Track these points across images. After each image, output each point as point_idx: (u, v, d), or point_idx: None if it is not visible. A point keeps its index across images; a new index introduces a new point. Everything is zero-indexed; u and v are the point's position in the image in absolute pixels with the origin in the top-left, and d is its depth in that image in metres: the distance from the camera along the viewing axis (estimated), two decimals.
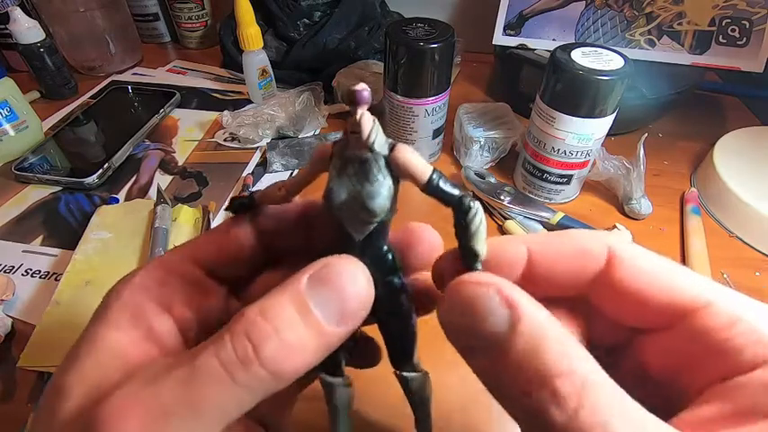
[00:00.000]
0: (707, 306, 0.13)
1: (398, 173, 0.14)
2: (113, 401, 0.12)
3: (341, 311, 0.13)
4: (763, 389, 0.11)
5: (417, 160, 0.14)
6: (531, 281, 0.15)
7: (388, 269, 0.15)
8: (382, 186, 0.14)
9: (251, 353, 0.12)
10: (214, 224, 0.41)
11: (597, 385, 0.11)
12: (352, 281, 0.13)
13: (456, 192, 0.14)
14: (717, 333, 0.13)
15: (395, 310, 0.16)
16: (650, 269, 0.14)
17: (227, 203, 0.19)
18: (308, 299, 0.13)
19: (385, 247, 0.15)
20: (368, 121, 0.13)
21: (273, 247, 0.18)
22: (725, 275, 0.35)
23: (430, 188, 0.14)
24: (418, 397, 0.18)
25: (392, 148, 0.14)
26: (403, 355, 0.17)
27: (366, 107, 0.13)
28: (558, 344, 0.11)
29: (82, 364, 0.14)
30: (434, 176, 0.14)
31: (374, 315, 0.15)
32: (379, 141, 0.14)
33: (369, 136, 0.13)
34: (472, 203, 0.14)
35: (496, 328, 0.12)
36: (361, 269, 0.14)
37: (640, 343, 0.15)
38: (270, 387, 0.12)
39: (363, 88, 0.13)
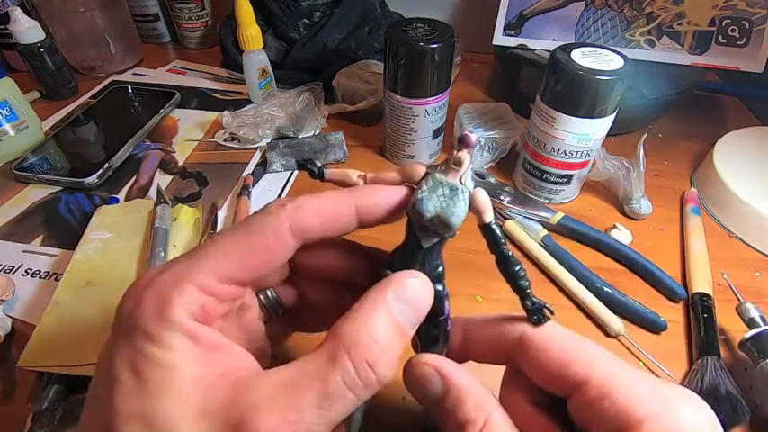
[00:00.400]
0: (585, 383, 0.17)
1: (472, 206, 0.18)
2: (262, 427, 0.14)
3: (418, 318, 0.18)
4: None
5: (489, 203, 0.18)
6: (466, 355, 0.21)
7: (437, 277, 0.19)
8: (463, 211, 0.18)
9: (371, 375, 0.15)
10: (220, 222, 0.41)
11: (492, 426, 0.17)
12: (424, 294, 0.18)
13: (501, 241, 0.19)
14: (593, 405, 0.16)
15: (438, 313, 0.19)
16: (551, 348, 0.18)
17: (299, 162, 0.20)
18: (396, 315, 0.17)
19: (439, 260, 0.19)
20: (467, 162, 0.18)
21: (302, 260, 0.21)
22: (725, 275, 0.35)
23: (487, 228, 0.19)
24: None
25: (474, 187, 0.19)
26: (426, 348, 0.20)
27: (471, 150, 0.18)
28: (474, 400, 0.17)
29: (166, 390, 0.14)
30: (494, 221, 0.19)
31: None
32: (469, 178, 0.18)
33: (465, 172, 0.18)
34: (513, 258, 0.19)
35: (435, 392, 0.18)
36: (427, 282, 0.18)
37: (567, 405, 0.18)
38: (376, 391, 0.16)
39: (472, 133, 0.18)
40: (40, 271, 0.37)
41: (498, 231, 0.18)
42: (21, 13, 0.52)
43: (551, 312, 0.19)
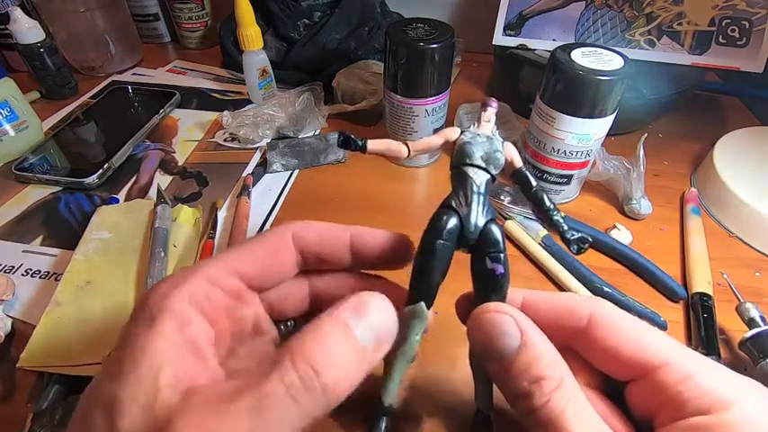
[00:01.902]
0: (664, 365, 0.17)
1: (506, 155, 0.21)
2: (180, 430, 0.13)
3: (378, 338, 0.16)
4: (692, 430, 0.15)
5: (517, 153, 0.22)
6: None
7: (494, 217, 0.20)
8: (501, 150, 0.21)
9: (314, 381, 0.14)
10: (220, 222, 0.41)
11: (567, 388, 0.16)
12: (383, 313, 0.17)
13: (533, 182, 0.22)
14: (672, 387, 0.16)
15: (491, 246, 0.19)
16: (622, 331, 0.18)
17: (338, 137, 0.21)
18: (353, 328, 0.16)
19: (487, 200, 0.20)
20: (493, 118, 0.21)
21: (310, 265, 0.21)
22: (725, 275, 0.35)
23: (520, 173, 0.22)
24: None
25: (504, 140, 0.21)
26: (486, 298, 0.19)
27: (495, 109, 0.21)
28: (548, 358, 0.17)
29: (131, 376, 0.14)
30: (524, 167, 0.22)
31: (473, 253, 0.20)
32: (497, 133, 0.21)
33: (493, 128, 0.21)
34: (548, 196, 0.21)
35: (508, 345, 0.17)
36: (388, 303, 0.17)
37: (626, 392, 0.19)
38: (326, 406, 0.14)
39: (493, 100, 0.21)
40: (39, 271, 0.37)
41: (530, 175, 0.21)
42: (21, 13, 0.52)
43: (590, 242, 0.20)
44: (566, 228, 0.21)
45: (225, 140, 0.52)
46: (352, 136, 0.21)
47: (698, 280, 0.35)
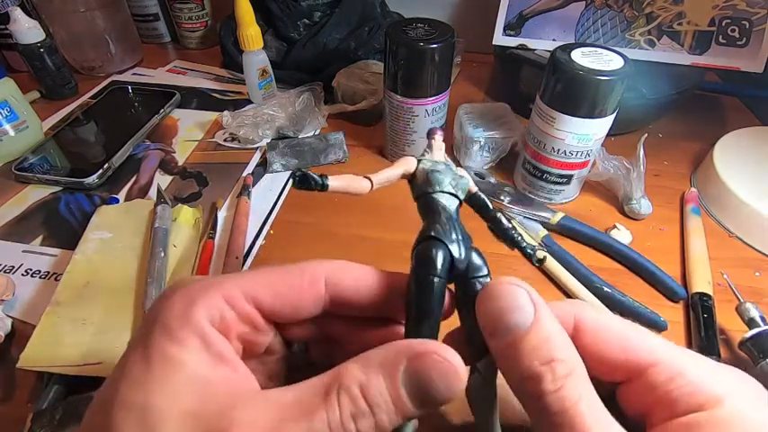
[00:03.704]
0: (654, 365, 0.16)
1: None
2: None
3: (426, 402, 0.15)
4: (684, 429, 0.15)
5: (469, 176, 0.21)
6: None
7: (468, 237, 0.19)
8: (466, 178, 0.21)
9: (351, 426, 0.14)
10: (220, 222, 0.41)
11: (581, 376, 0.15)
12: (447, 378, 0.15)
13: (490, 206, 0.22)
14: (662, 386, 0.16)
15: (478, 270, 0.18)
16: (609, 335, 0.17)
17: (293, 177, 0.18)
18: (401, 387, 0.15)
19: (462, 226, 0.19)
20: (442, 145, 0.22)
21: (337, 309, 0.19)
22: (725, 275, 0.35)
23: (476, 196, 0.21)
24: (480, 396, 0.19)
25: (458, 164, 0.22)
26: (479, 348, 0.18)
27: (441, 135, 0.22)
28: (561, 340, 0.16)
29: (166, 386, 0.15)
30: (479, 192, 0.22)
31: (458, 283, 0.19)
32: (447, 159, 0.21)
33: (444, 154, 0.21)
34: (503, 217, 0.22)
35: (520, 322, 0.16)
36: (460, 363, 0.16)
37: (617, 393, 0.18)
38: None
39: (436, 128, 0.22)
40: (39, 271, 0.37)
41: (484, 197, 0.22)
42: (21, 13, 0.52)
43: (544, 250, 0.22)
44: (525, 244, 0.22)
45: (225, 140, 0.52)
46: (311, 174, 0.18)
47: (698, 280, 0.35)
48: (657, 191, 0.44)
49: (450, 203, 0.19)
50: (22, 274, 0.37)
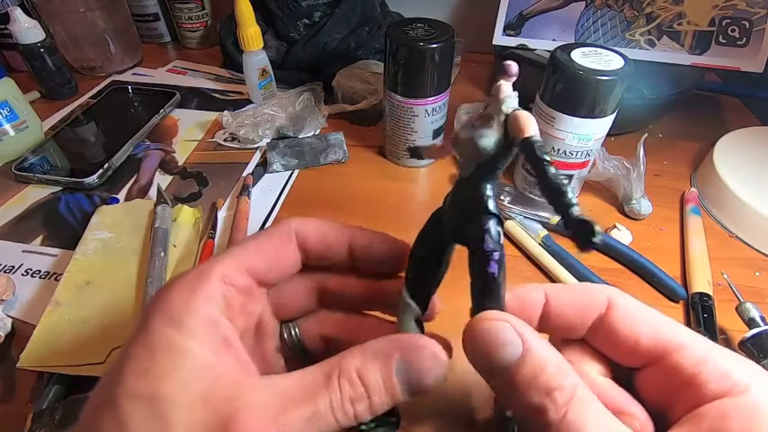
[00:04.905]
0: (682, 347, 0.16)
1: (509, 129, 0.17)
2: (250, 424, 0.14)
3: (417, 388, 0.17)
4: (719, 416, 0.15)
5: (525, 123, 0.16)
6: (546, 322, 0.19)
7: (485, 209, 0.17)
8: (494, 133, 0.17)
9: (350, 407, 0.16)
10: (220, 222, 0.42)
11: (582, 397, 0.15)
12: (434, 370, 0.17)
13: (544, 157, 0.16)
14: (689, 369, 0.16)
15: (481, 244, 0.17)
16: (639, 316, 0.18)
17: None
18: (394, 374, 0.16)
19: (488, 190, 0.18)
20: (504, 90, 0.18)
21: (311, 261, 0.21)
22: (725, 275, 0.35)
23: (523, 144, 0.16)
24: None
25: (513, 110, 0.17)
26: (481, 301, 0.18)
27: (511, 78, 0.18)
28: (555, 364, 0.16)
29: (173, 373, 0.15)
30: (534, 139, 0.16)
31: (469, 248, 0.18)
32: (508, 105, 0.18)
33: (506, 98, 0.18)
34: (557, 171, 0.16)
35: (509, 356, 0.16)
36: (442, 353, 0.17)
37: (636, 379, 0.18)
38: (351, 422, 0.16)
39: (511, 63, 0.17)
40: (40, 271, 0.37)
41: (539, 150, 0.16)
42: (21, 13, 0.52)
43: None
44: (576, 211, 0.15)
45: (225, 140, 0.52)
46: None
47: (698, 280, 0.35)
48: (657, 191, 0.44)
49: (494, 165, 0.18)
50: (23, 274, 0.37)
